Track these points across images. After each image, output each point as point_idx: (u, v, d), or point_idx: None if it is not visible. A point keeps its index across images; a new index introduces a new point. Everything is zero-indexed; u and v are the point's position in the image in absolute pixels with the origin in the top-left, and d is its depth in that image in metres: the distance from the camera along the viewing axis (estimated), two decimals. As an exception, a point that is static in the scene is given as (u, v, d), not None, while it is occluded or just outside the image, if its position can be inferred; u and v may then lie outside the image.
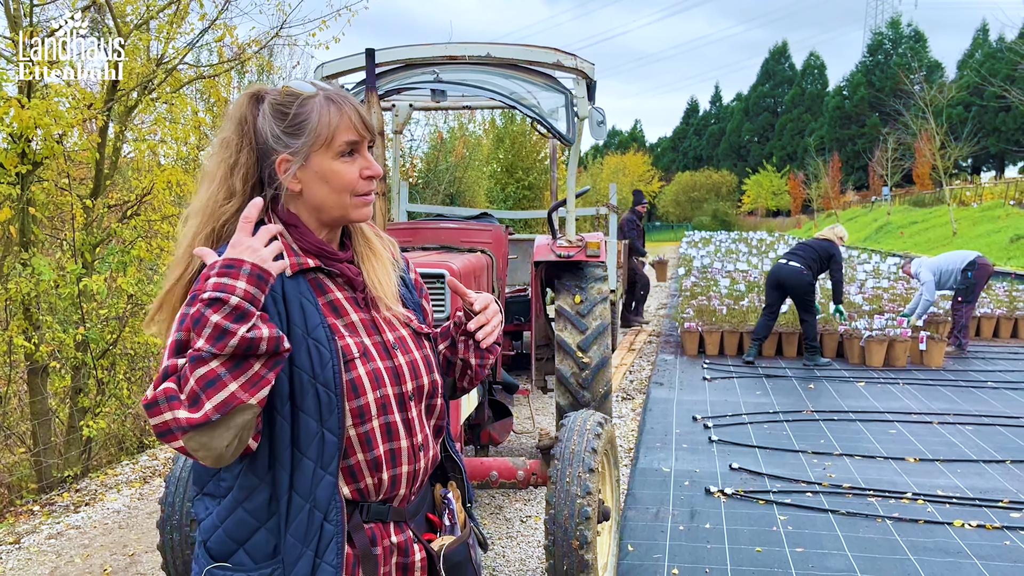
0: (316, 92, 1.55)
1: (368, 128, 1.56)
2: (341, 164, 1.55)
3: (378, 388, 1.54)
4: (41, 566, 4.21)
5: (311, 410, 1.46)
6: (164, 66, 6.79)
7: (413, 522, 1.64)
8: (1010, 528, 4.38)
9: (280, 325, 1.45)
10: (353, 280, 1.61)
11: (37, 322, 5.95)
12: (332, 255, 1.59)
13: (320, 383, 1.46)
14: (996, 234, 24.26)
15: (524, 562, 4.12)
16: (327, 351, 1.48)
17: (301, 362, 1.46)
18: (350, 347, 1.53)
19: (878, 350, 8.98)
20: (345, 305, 1.59)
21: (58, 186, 6.49)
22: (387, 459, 1.56)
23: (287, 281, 1.51)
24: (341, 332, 1.54)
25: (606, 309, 4.88)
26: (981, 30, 58.24)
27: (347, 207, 1.56)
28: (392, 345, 1.60)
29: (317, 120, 1.52)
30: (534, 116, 4.65)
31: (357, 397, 1.51)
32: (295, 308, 1.50)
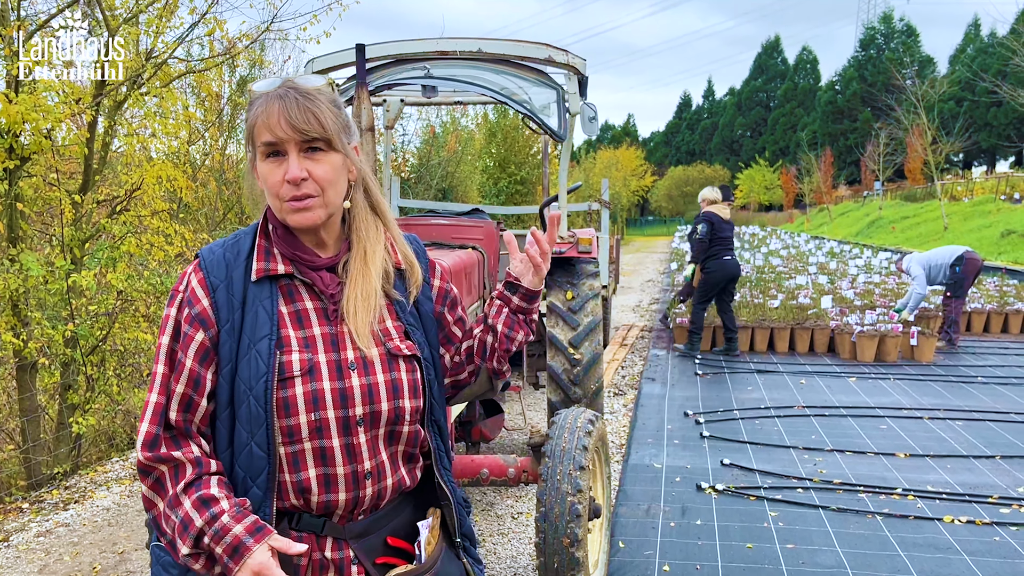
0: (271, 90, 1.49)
1: (297, 130, 1.44)
2: (266, 166, 1.48)
3: (314, 410, 1.46)
4: (30, 564, 4.19)
5: (244, 420, 1.44)
6: (154, 60, 6.74)
7: (359, 543, 1.54)
8: (999, 524, 4.40)
9: (231, 333, 1.47)
10: (322, 291, 1.54)
11: (26, 318, 5.91)
12: (307, 262, 1.54)
13: (253, 396, 1.43)
14: (987, 229, 24.33)
15: (515, 559, 4.12)
16: (263, 364, 1.44)
17: (242, 372, 1.45)
18: (292, 364, 1.46)
19: (869, 345, 9.01)
20: (311, 316, 1.52)
21: (46, 181, 6.44)
22: (319, 483, 1.48)
23: (251, 287, 1.50)
24: (292, 346, 1.48)
25: (597, 305, 4.88)
26: (973, 25, 58.42)
27: (280, 211, 1.50)
28: (350, 365, 1.50)
29: (251, 118, 1.49)
30: (525, 112, 4.63)
31: (288, 416, 1.45)
32: (250, 316, 1.48)
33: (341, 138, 1.51)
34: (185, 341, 1.47)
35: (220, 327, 1.47)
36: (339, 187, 1.52)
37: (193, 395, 1.46)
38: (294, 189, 1.46)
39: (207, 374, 1.47)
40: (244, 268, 1.52)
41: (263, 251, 1.54)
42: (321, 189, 1.48)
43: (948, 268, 9.54)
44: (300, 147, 1.46)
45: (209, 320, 1.47)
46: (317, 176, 1.47)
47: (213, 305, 1.48)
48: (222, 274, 1.51)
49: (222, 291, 1.49)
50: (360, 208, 1.59)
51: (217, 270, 1.51)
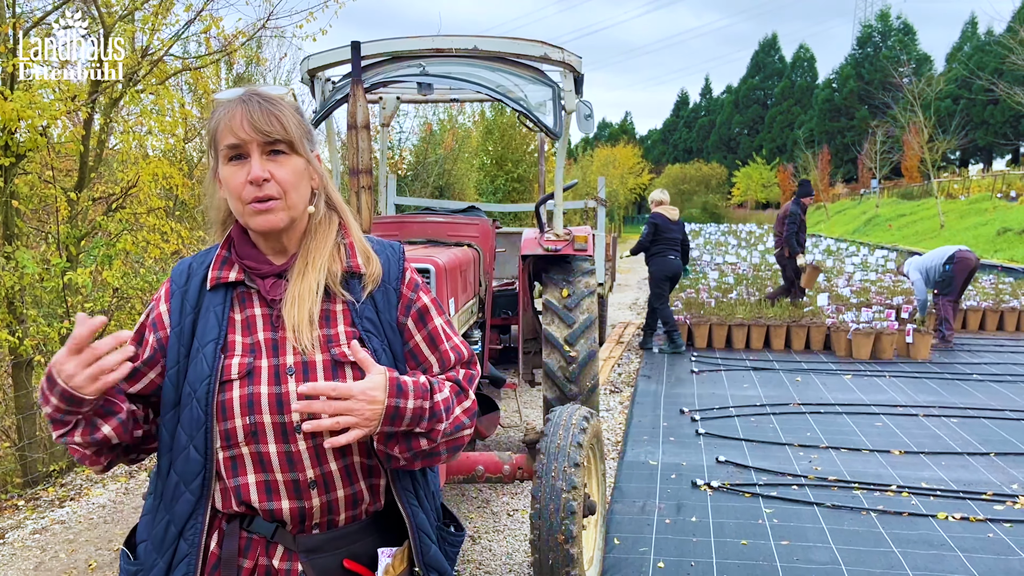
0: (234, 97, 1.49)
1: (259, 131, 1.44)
2: (228, 169, 1.48)
3: (249, 414, 1.45)
4: (26, 561, 4.19)
5: (186, 423, 1.46)
6: (150, 58, 6.73)
7: (311, 558, 1.48)
8: (993, 520, 4.41)
9: (179, 337, 1.51)
10: (265, 296, 1.54)
11: (21, 316, 5.91)
12: (254, 269, 1.55)
13: (196, 397, 1.46)
14: (983, 227, 24.38)
15: (511, 555, 4.13)
16: (207, 367, 1.47)
17: (190, 375, 1.48)
18: (232, 367, 1.47)
19: (865, 343, 9.03)
20: (258, 323, 1.53)
21: (42, 179, 6.44)
22: (259, 489, 1.46)
23: (207, 294, 1.55)
24: (236, 351, 1.49)
25: (593, 303, 4.88)
26: (970, 23, 58.46)
27: (243, 215, 1.50)
28: (288, 370, 1.47)
29: (213, 123, 1.50)
30: (521, 110, 4.63)
31: (225, 420, 1.45)
32: (202, 321, 1.52)
33: (303, 143, 1.52)
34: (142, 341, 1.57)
35: (170, 330, 1.53)
36: (302, 191, 1.52)
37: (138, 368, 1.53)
38: (256, 190, 1.45)
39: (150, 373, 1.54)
40: (203, 276, 1.58)
41: (221, 260, 1.57)
42: (283, 191, 1.47)
43: (940, 267, 9.61)
44: (263, 149, 1.46)
45: (161, 323, 1.55)
46: (279, 178, 1.47)
47: (168, 310, 1.56)
48: (182, 282, 1.58)
49: (177, 297, 1.56)
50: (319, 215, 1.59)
51: (179, 279, 1.59)
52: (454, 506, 4.83)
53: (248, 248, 1.56)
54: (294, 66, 13.44)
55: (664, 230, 9.45)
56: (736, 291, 11.54)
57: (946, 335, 9.69)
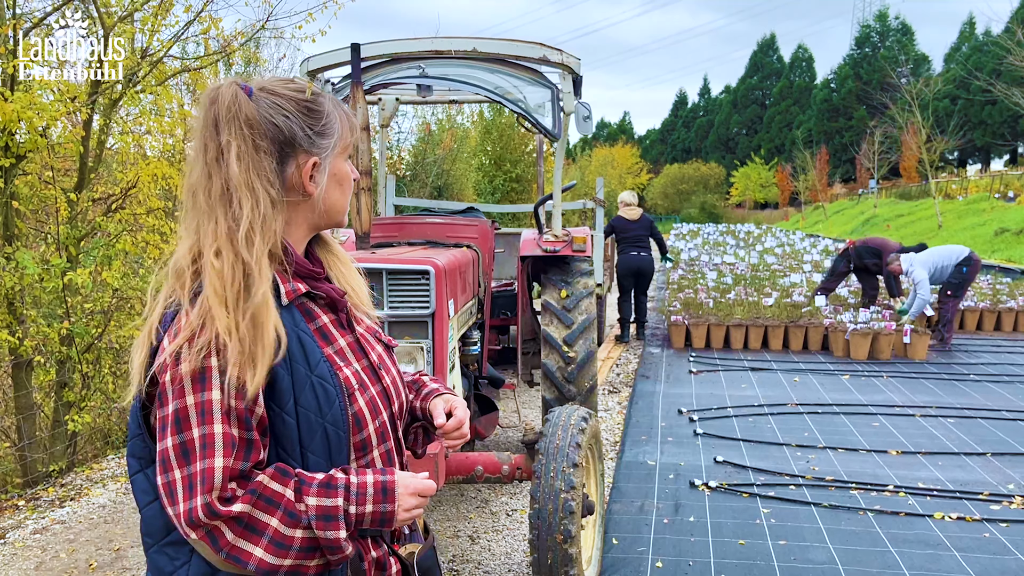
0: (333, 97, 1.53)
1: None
2: (350, 165, 1.54)
3: (376, 416, 1.47)
4: (26, 561, 4.20)
5: (319, 451, 1.37)
6: (149, 58, 6.74)
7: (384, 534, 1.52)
8: (989, 520, 4.44)
9: (284, 366, 1.34)
10: (336, 301, 1.50)
11: (21, 316, 5.92)
12: (316, 276, 1.49)
13: (328, 422, 1.37)
14: (981, 227, 24.43)
15: (509, 555, 4.15)
16: (332, 387, 1.38)
17: (306, 402, 1.35)
18: (349, 379, 1.43)
19: (862, 343, 9.05)
20: (332, 330, 1.48)
21: (42, 179, 6.45)
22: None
23: (282, 312, 1.38)
24: (336, 363, 1.44)
25: (592, 303, 4.90)
26: (968, 24, 58.50)
27: (344, 209, 1.54)
28: (378, 366, 1.53)
29: (339, 120, 1.48)
30: (520, 111, 4.65)
31: (360, 430, 1.43)
32: (294, 343, 1.36)
33: None
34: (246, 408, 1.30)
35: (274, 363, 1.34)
36: None
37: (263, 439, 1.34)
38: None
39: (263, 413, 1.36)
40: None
41: (281, 274, 1.42)
42: None
43: (954, 267, 9.46)
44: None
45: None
46: None
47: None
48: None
49: None
50: None
51: None
52: (453, 506, 4.85)
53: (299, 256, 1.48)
54: (292, 67, 13.45)
55: (621, 230, 10.25)
56: (734, 291, 11.56)
57: (945, 337, 9.68)
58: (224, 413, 1.27)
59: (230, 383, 1.27)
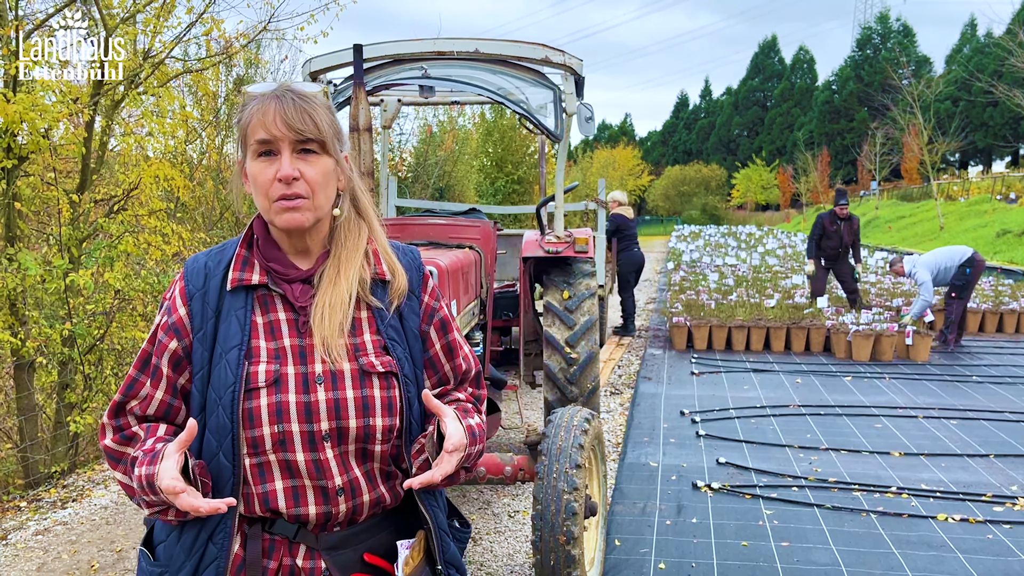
0: (267, 92, 1.47)
1: (292, 128, 1.43)
2: (257, 164, 1.46)
3: (278, 423, 1.44)
4: (28, 562, 4.20)
5: (213, 430, 1.44)
6: (151, 60, 6.75)
7: (332, 555, 1.51)
8: (993, 522, 4.43)
9: (203, 341, 1.48)
10: (293, 302, 1.51)
11: (23, 317, 5.92)
12: (281, 274, 1.52)
13: (221, 404, 1.43)
14: (983, 228, 24.40)
15: (512, 557, 4.14)
16: (231, 374, 1.44)
17: (214, 380, 1.45)
18: (258, 374, 1.45)
19: (864, 345, 9.04)
20: (283, 328, 1.50)
21: (44, 180, 6.46)
22: (287, 496, 1.47)
23: (227, 296, 1.50)
24: (260, 357, 1.46)
25: (594, 305, 4.89)
26: (969, 25, 58.49)
27: (268, 212, 1.48)
28: (317, 379, 1.47)
29: (245, 117, 1.48)
30: (522, 112, 4.65)
31: (252, 428, 1.44)
32: (224, 325, 1.49)
33: (334, 143, 1.50)
34: (159, 348, 1.50)
35: (193, 335, 1.49)
36: (329, 192, 1.51)
37: (172, 401, 1.51)
38: (284, 188, 1.44)
39: (181, 380, 1.50)
40: (222, 277, 1.52)
41: (241, 260, 1.53)
42: (311, 191, 1.46)
43: (958, 268, 9.38)
44: (293, 147, 1.45)
45: (184, 329, 1.50)
46: (308, 177, 1.45)
47: (189, 314, 1.50)
48: (200, 283, 1.51)
49: (197, 300, 1.50)
50: (346, 218, 1.57)
51: (196, 279, 1.52)
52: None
53: (273, 250, 1.53)
54: (294, 68, 13.45)
55: (624, 227, 10.53)
56: (736, 293, 11.55)
57: (949, 338, 9.61)
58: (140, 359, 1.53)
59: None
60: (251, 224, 1.57)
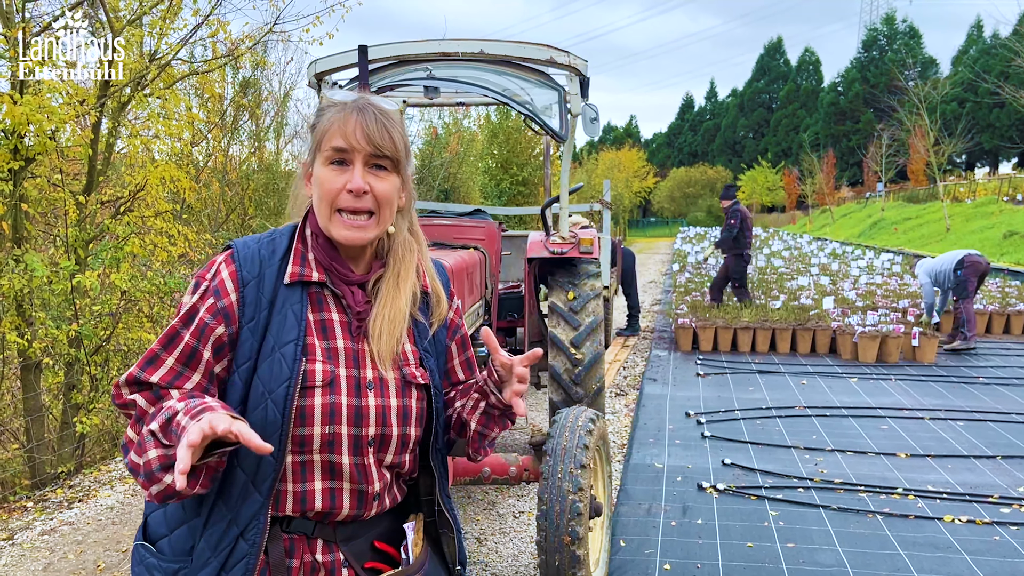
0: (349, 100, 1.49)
1: (371, 143, 1.44)
2: (328, 171, 1.47)
3: (329, 424, 1.44)
4: (34, 562, 4.21)
5: (257, 424, 1.39)
6: (157, 62, 6.77)
7: (348, 545, 1.53)
8: (1000, 523, 4.41)
9: (253, 331, 1.44)
10: (351, 307, 1.52)
11: (30, 318, 5.94)
12: (340, 274, 1.52)
13: (271, 399, 1.41)
14: (989, 230, 24.31)
15: (517, 557, 4.14)
16: (287, 369, 1.42)
17: (262, 373, 1.43)
18: (315, 373, 1.45)
19: (870, 346, 9.02)
20: (336, 328, 1.51)
21: (51, 182, 6.47)
22: (324, 496, 1.47)
23: (282, 289, 1.48)
24: (316, 355, 1.46)
25: (599, 305, 4.89)
26: (975, 26, 58.38)
27: (327, 220, 1.48)
28: (368, 384, 1.49)
29: (323, 123, 1.49)
30: (527, 113, 4.65)
31: (303, 425, 1.43)
32: (278, 317, 1.46)
33: (404, 162, 1.52)
34: (205, 332, 1.43)
35: (242, 324, 1.45)
36: (393, 208, 1.52)
37: (208, 386, 1.45)
38: (353, 200, 1.45)
39: (216, 368, 1.45)
40: (277, 268, 1.50)
41: (299, 255, 1.52)
42: (378, 206, 1.48)
43: (951, 273, 9.51)
44: (367, 161, 1.46)
45: (233, 316, 1.45)
46: (378, 192, 1.47)
47: (240, 300, 1.45)
48: (255, 270, 1.48)
49: (252, 288, 1.47)
50: (401, 234, 1.59)
51: (250, 265, 1.49)
52: (460, 508, 4.85)
53: (332, 249, 1.52)
54: (300, 70, 13.49)
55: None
56: (741, 294, 11.52)
57: (968, 336, 9.60)
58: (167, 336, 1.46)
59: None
60: (305, 219, 1.57)
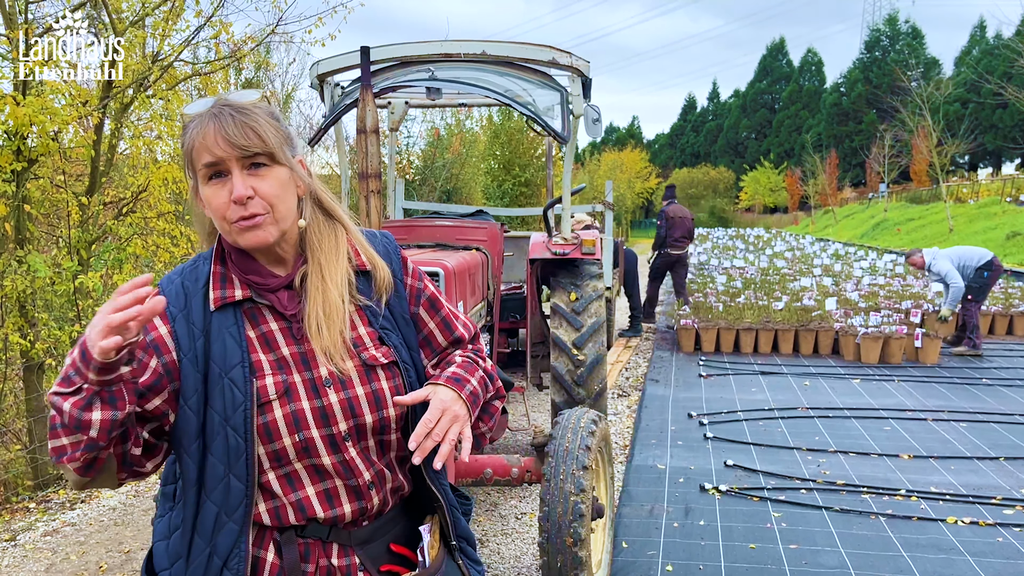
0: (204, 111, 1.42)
1: (235, 146, 1.37)
2: (209, 189, 1.41)
3: (297, 431, 1.42)
4: (37, 563, 4.22)
5: (219, 453, 1.38)
6: (160, 63, 6.78)
7: (364, 549, 1.53)
8: (1003, 525, 4.40)
9: (194, 363, 1.41)
10: (284, 312, 1.48)
11: (33, 319, 5.95)
12: (261, 285, 1.48)
13: (231, 426, 1.38)
14: (992, 231, 24.28)
15: (519, 559, 4.14)
16: (241, 393, 1.39)
17: (214, 403, 1.39)
18: (267, 388, 1.42)
19: (873, 347, 9.00)
20: (278, 337, 1.47)
21: (53, 183, 6.49)
22: (321, 499, 1.46)
23: (214, 315, 1.44)
24: (264, 370, 1.44)
25: (601, 306, 4.89)
26: (978, 27, 58.28)
27: (230, 233, 1.43)
28: (324, 382, 1.46)
29: (187, 142, 1.43)
30: (529, 114, 4.65)
31: (272, 441, 1.41)
32: (217, 344, 1.42)
33: (284, 151, 1.45)
34: (140, 368, 1.37)
35: (180, 357, 1.41)
36: (288, 202, 1.45)
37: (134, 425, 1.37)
38: (241, 209, 1.39)
39: (157, 402, 1.40)
40: (203, 296, 1.47)
41: (219, 278, 1.48)
42: (270, 206, 1.42)
43: (975, 271, 9.18)
44: (242, 164, 1.39)
45: (165, 346, 1.42)
46: (263, 192, 1.40)
47: (172, 334, 1.43)
48: (180, 303, 1.45)
49: (181, 321, 1.44)
50: (314, 222, 1.53)
51: (176, 300, 1.46)
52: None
53: (248, 262, 1.48)
54: (302, 71, 13.50)
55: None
56: (744, 295, 11.52)
57: (976, 343, 9.44)
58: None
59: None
60: (219, 239, 1.52)
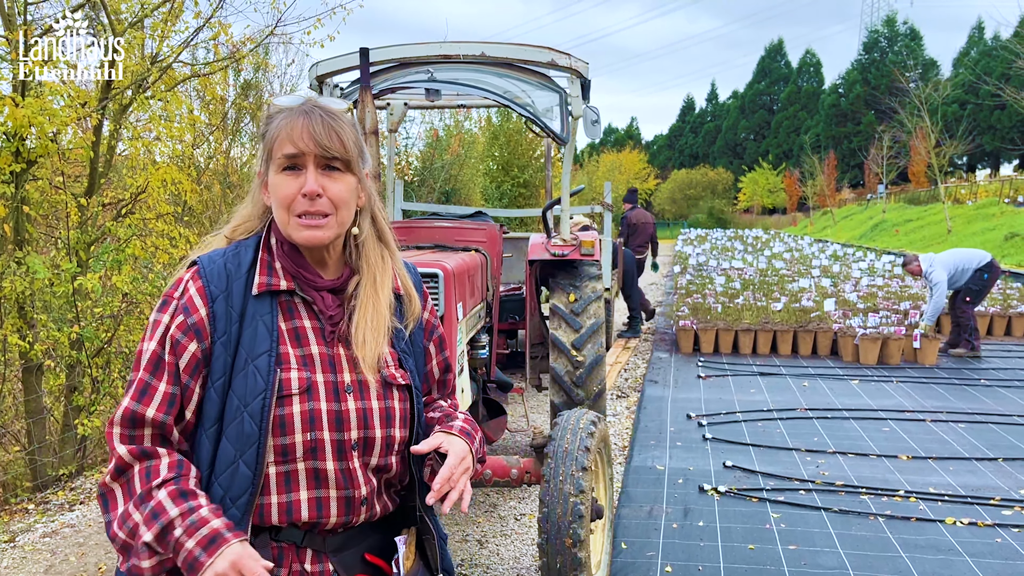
0: (295, 106, 1.49)
1: (320, 146, 1.44)
2: (280, 178, 1.47)
3: (311, 430, 1.44)
4: (36, 564, 4.21)
5: (233, 437, 1.40)
6: (159, 64, 6.78)
7: (339, 556, 1.52)
8: (1001, 525, 4.41)
9: (226, 346, 1.44)
10: (322, 312, 1.52)
11: (32, 320, 5.94)
12: (309, 281, 1.52)
13: (247, 412, 1.40)
14: (991, 232, 24.30)
15: (518, 560, 4.14)
16: (262, 381, 1.41)
17: (236, 386, 1.42)
18: (291, 381, 1.44)
19: (872, 348, 9.01)
20: (309, 335, 1.50)
21: (52, 184, 6.48)
22: (310, 506, 1.46)
23: (251, 300, 1.47)
24: (291, 363, 1.46)
25: (600, 307, 4.89)
26: (977, 28, 58.39)
27: (287, 226, 1.48)
28: (346, 388, 1.49)
29: (272, 131, 1.48)
30: (528, 115, 4.65)
31: (284, 435, 1.42)
32: (248, 330, 1.45)
33: (358, 162, 1.52)
34: (177, 350, 1.43)
35: (215, 339, 1.44)
36: (350, 209, 1.52)
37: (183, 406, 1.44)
38: (308, 204, 1.45)
39: (195, 386, 1.44)
40: (245, 281, 1.49)
41: (266, 265, 1.51)
42: (334, 208, 1.47)
43: (974, 272, 9.10)
44: (319, 163, 1.46)
45: (204, 331, 1.44)
46: (332, 194, 1.46)
47: (211, 316, 1.45)
48: (222, 285, 1.47)
49: (221, 302, 1.46)
50: (368, 236, 1.58)
51: (218, 280, 1.48)
52: (461, 511, 4.84)
53: (297, 256, 1.52)
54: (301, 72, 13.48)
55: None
56: (743, 296, 11.53)
57: (975, 344, 9.38)
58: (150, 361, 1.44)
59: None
60: (268, 228, 1.56)
